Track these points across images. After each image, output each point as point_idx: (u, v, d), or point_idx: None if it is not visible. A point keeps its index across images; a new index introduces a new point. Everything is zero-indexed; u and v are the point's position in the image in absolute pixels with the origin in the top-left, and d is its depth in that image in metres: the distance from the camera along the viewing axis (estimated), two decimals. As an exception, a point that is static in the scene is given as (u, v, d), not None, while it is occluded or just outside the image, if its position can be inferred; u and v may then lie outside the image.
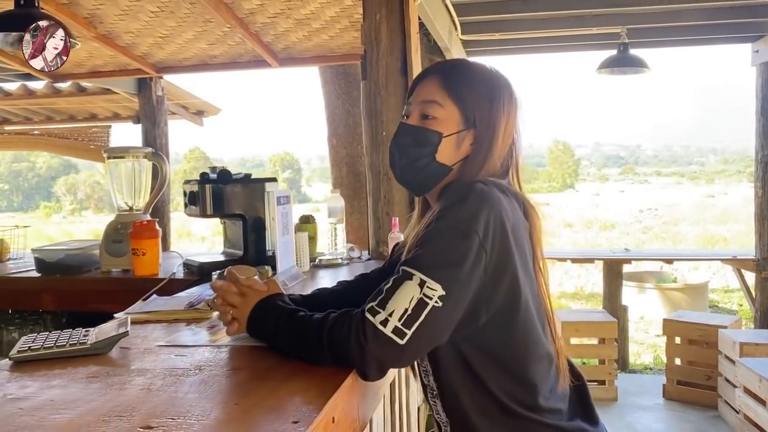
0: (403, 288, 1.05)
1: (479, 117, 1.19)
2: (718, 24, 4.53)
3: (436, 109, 1.19)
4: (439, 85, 1.20)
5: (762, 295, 4.87)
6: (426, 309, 1.03)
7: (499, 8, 4.05)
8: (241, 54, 3.80)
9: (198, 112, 6.29)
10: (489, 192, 1.10)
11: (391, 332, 1.03)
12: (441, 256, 1.05)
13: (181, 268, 2.40)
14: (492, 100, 1.20)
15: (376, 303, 1.06)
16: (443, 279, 1.04)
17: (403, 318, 1.03)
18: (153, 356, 1.28)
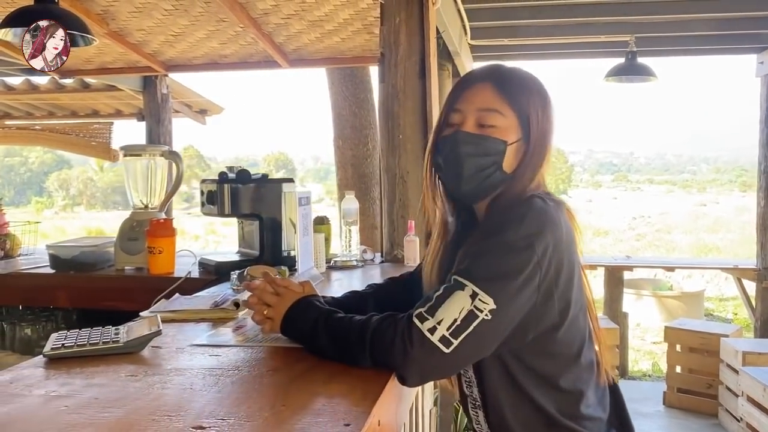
0: (454, 297, 1.05)
1: (534, 125, 1.18)
2: (725, 35, 4.56)
3: (496, 118, 1.17)
4: (494, 92, 1.18)
5: (762, 305, 4.90)
6: (475, 321, 1.03)
7: (509, 14, 4.06)
8: (251, 54, 3.80)
9: (201, 110, 6.28)
10: (548, 210, 1.10)
11: (438, 340, 1.03)
12: (496, 271, 1.05)
13: (196, 267, 2.39)
14: (544, 108, 1.20)
15: (425, 309, 1.06)
16: (496, 293, 1.03)
17: (452, 328, 1.03)
18: (187, 356, 1.28)
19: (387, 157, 2.48)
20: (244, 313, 1.62)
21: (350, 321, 1.15)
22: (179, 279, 2.23)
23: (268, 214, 2.32)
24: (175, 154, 2.47)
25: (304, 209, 2.06)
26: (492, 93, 1.18)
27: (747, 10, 4.16)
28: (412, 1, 2.45)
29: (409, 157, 2.45)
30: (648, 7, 4.06)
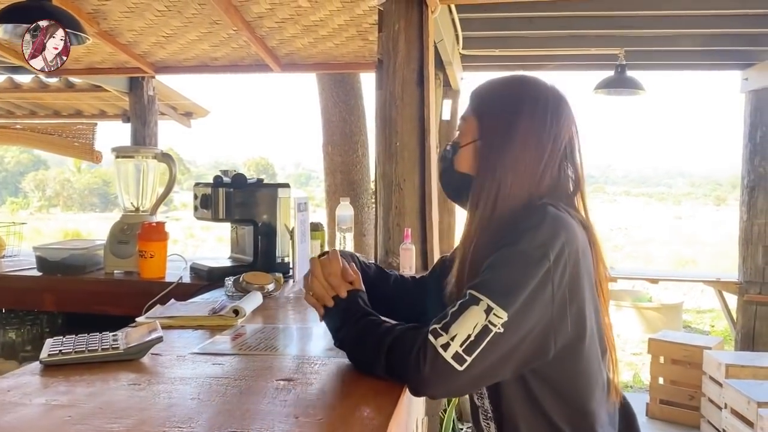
0: (468, 313, 1.02)
1: (488, 127, 1.19)
2: (711, 51, 4.63)
3: (462, 123, 1.25)
4: (469, 101, 1.26)
5: (744, 318, 4.96)
6: (488, 336, 1.00)
7: (501, 25, 4.08)
8: (243, 57, 3.76)
9: (186, 113, 6.22)
10: (563, 218, 1.08)
11: (450, 357, 1.00)
12: (509, 282, 1.03)
13: (188, 272, 2.35)
14: (511, 108, 1.18)
15: (439, 325, 1.03)
16: (510, 306, 1.00)
17: (465, 344, 1.00)
18: (189, 364, 1.24)
19: (383, 164, 2.47)
20: (242, 321, 1.60)
21: (379, 324, 1.14)
22: (171, 284, 2.19)
23: (263, 220, 2.29)
24: (168, 156, 2.43)
25: (302, 215, 2.03)
26: (468, 104, 1.27)
27: (732, 27, 4.22)
28: (411, 9, 2.44)
29: (406, 164, 2.44)
30: (638, 22, 4.10)
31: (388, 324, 1.13)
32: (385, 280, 1.45)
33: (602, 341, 1.13)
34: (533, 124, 1.16)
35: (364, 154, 4.84)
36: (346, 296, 1.21)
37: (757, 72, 4.85)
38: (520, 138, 1.15)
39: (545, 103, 1.18)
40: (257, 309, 1.74)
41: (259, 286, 1.89)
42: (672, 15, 4.02)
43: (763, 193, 4.95)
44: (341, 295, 1.21)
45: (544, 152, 1.15)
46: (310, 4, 3.02)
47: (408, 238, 2.33)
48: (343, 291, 1.21)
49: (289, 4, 3.03)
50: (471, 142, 1.21)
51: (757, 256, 4.95)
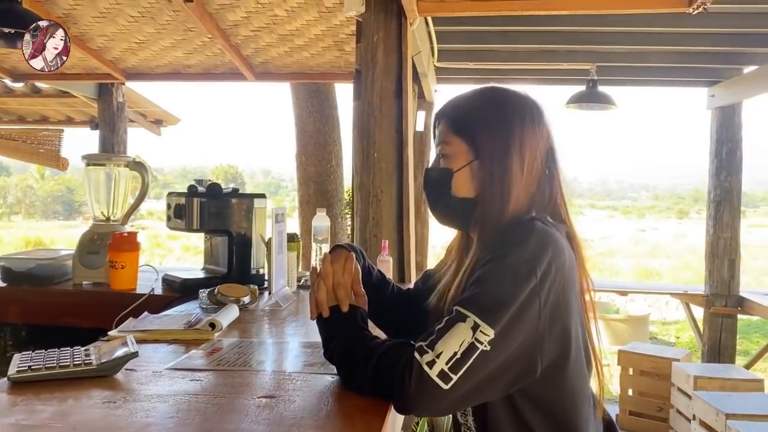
0: (454, 330, 0.99)
1: (484, 145, 1.15)
2: (680, 68, 4.73)
3: (446, 147, 1.19)
4: (446, 123, 1.20)
5: (710, 330, 5.05)
6: (475, 354, 0.97)
7: (477, 38, 4.11)
8: (216, 65, 3.73)
9: (156, 120, 6.13)
10: (551, 233, 1.07)
11: (436, 375, 0.97)
12: (496, 298, 1.00)
13: (159, 284, 2.29)
14: (495, 126, 1.16)
15: (426, 342, 1.00)
16: (496, 323, 0.98)
17: (451, 361, 0.97)
18: (166, 380, 1.20)
19: (361, 175, 2.45)
20: (219, 335, 1.56)
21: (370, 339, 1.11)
22: (142, 296, 2.13)
23: (238, 230, 2.25)
24: (140, 165, 2.37)
25: (279, 226, 2.00)
26: (444, 126, 1.21)
27: (699, 45, 4.32)
28: (390, 21, 2.44)
29: (384, 175, 2.43)
30: (609, 38, 4.17)
31: (378, 340, 1.10)
32: (386, 287, 1.43)
33: (588, 352, 1.12)
34: (525, 135, 1.15)
35: (338, 164, 4.82)
36: (346, 311, 1.17)
37: (722, 89, 4.97)
38: (517, 151, 1.14)
39: (531, 112, 1.17)
40: (233, 322, 1.70)
41: (234, 299, 1.85)
42: (642, 32, 4.10)
43: (728, 208, 5.05)
44: (343, 309, 1.17)
45: (535, 162, 1.15)
46: (287, 13, 3.01)
47: (385, 250, 2.31)
48: (345, 306, 1.17)
49: (266, 12, 3.01)
50: (466, 165, 1.17)
51: (723, 269, 5.05)
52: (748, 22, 3.84)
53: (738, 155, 5.05)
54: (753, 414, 3.42)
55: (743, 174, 5.11)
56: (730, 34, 4.11)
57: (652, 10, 2.62)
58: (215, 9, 2.96)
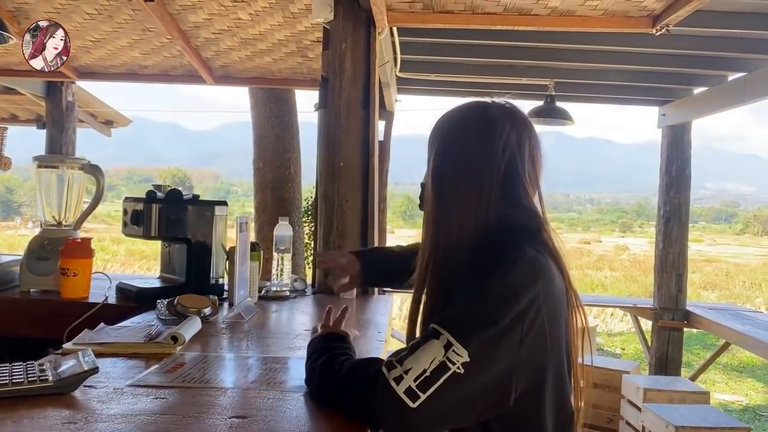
0: (427, 347, 0.96)
1: (438, 161, 1.15)
2: (634, 86, 4.85)
3: (427, 162, 1.20)
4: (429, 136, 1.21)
5: (658, 342, 5.17)
6: (446, 374, 0.93)
7: (439, 50, 4.12)
8: (174, 67, 3.63)
9: (107, 121, 5.96)
10: (542, 262, 1.03)
11: (402, 392, 0.93)
12: (476, 321, 0.96)
13: (113, 293, 2.20)
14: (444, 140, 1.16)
15: (396, 358, 0.97)
16: (472, 346, 0.94)
17: (419, 379, 0.93)
18: (128, 398, 1.13)
19: (326, 184, 2.41)
20: (181, 349, 1.49)
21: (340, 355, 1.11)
22: (95, 305, 2.04)
23: (198, 238, 2.18)
24: (96, 168, 2.27)
25: (243, 235, 1.94)
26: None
27: (651, 65, 4.44)
28: (359, 29, 2.41)
29: (349, 185, 2.39)
30: (568, 55, 4.25)
31: (350, 357, 1.09)
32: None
33: (568, 369, 1.10)
34: (479, 151, 1.10)
35: (296, 171, 4.76)
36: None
37: (673, 108, 5.13)
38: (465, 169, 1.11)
39: (503, 127, 1.11)
40: (194, 336, 1.63)
41: (196, 310, 1.78)
42: (599, 50, 4.19)
43: (677, 224, 5.20)
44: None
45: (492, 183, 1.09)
46: (251, 17, 2.95)
47: (349, 261, 2.27)
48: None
49: (229, 15, 2.95)
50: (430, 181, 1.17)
51: (671, 283, 5.19)
52: (700, 45, 3.97)
53: (687, 173, 5.21)
54: (701, 426, 3.51)
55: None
56: (682, 55, 4.24)
57: (618, 30, 2.67)
58: (176, 10, 2.88)
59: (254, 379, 1.33)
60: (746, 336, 4.31)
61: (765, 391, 7.42)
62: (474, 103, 1.20)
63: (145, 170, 64.68)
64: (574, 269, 20.97)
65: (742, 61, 4.24)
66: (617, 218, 56.77)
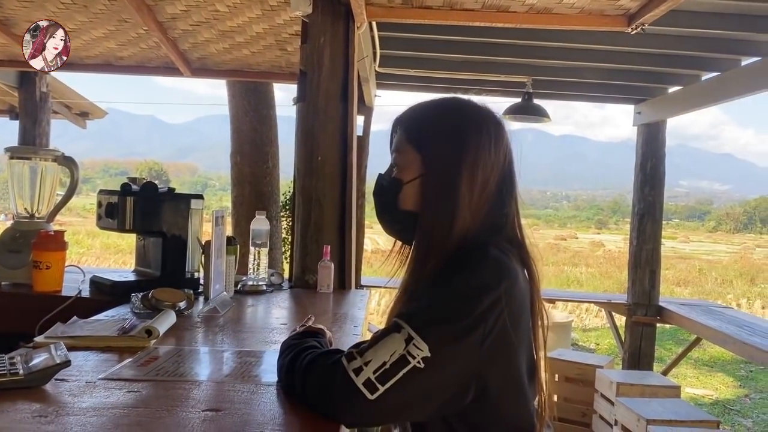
0: (387, 339, 0.96)
1: (434, 160, 1.11)
2: (610, 84, 4.90)
3: (399, 157, 1.15)
4: (402, 132, 1.16)
5: (631, 338, 5.24)
6: (405, 368, 0.93)
7: (418, 46, 4.13)
8: (151, 59, 3.59)
9: (82, 113, 5.87)
10: (506, 263, 1.03)
11: (361, 384, 0.94)
12: (437, 317, 0.97)
13: (87, 286, 2.17)
14: (453, 138, 1.11)
15: (356, 349, 0.98)
16: (432, 341, 0.94)
17: (379, 371, 0.94)
18: (101, 391, 1.13)
19: (303, 179, 2.40)
20: (155, 342, 1.48)
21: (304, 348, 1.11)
22: (68, 298, 2.01)
23: (173, 232, 2.16)
24: (70, 160, 2.24)
25: (219, 229, 1.93)
26: (401, 134, 1.17)
27: (627, 63, 4.49)
28: (338, 23, 2.40)
29: (327, 179, 2.39)
30: (546, 52, 4.28)
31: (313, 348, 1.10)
32: None
33: (532, 370, 1.09)
34: (481, 153, 1.10)
35: (274, 165, 4.73)
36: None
37: (648, 107, 5.19)
38: (468, 169, 1.09)
39: (488, 130, 1.12)
40: (168, 329, 1.62)
41: (171, 304, 1.77)
42: (576, 48, 4.22)
43: (651, 221, 5.27)
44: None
45: (488, 183, 1.11)
46: (229, 9, 2.93)
47: (327, 255, 2.28)
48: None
49: (206, 7, 2.92)
50: (416, 178, 1.12)
51: (644, 279, 5.26)
52: (675, 44, 4.02)
53: (661, 170, 5.28)
54: (672, 420, 3.57)
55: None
56: (657, 54, 4.29)
57: (593, 28, 2.70)
58: (153, 1, 2.85)
59: (228, 372, 1.33)
60: (716, 331, 4.39)
61: (735, 385, 7.57)
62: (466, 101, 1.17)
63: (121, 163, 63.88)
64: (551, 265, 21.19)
65: (715, 61, 4.31)
66: (593, 215, 57.37)
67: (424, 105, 1.18)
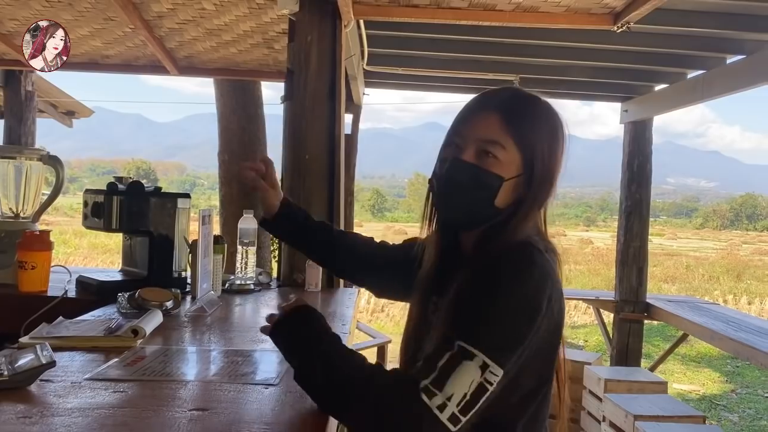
0: (462, 369, 0.94)
1: (538, 163, 1.09)
2: (597, 82, 4.93)
3: (498, 150, 1.08)
4: (500, 123, 1.08)
5: (619, 334, 5.28)
6: (484, 395, 0.94)
7: (406, 44, 4.13)
8: (137, 57, 3.57)
9: (68, 112, 5.83)
10: (549, 266, 1.04)
11: (447, 419, 0.92)
12: (508, 338, 0.97)
13: (73, 286, 2.16)
14: (552, 145, 1.11)
15: (430, 381, 0.93)
16: (506, 362, 0.95)
17: (462, 404, 0.93)
18: (86, 392, 1.12)
19: (291, 178, 2.40)
20: (142, 342, 1.48)
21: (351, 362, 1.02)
22: (54, 299, 2.00)
23: (160, 231, 2.15)
24: (55, 159, 2.22)
25: (206, 228, 1.92)
26: (497, 124, 1.08)
27: (614, 61, 4.52)
28: (324, 22, 2.40)
29: (315, 178, 2.39)
30: (532, 50, 4.29)
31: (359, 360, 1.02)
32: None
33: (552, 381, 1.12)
34: (563, 162, 1.13)
35: (263, 164, 4.72)
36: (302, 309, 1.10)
37: (635, 105, 5.22)
38: (556, 177, 1.12)
39: (565, 136, 1.14)
40: (155, 329, 1.62)
41: (157, 303, 1.76)
42: (563, 46, 4.24)
43: (638, 218, 5.31)
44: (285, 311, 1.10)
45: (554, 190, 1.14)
46: (215, 7, 2.92)
47: (315, 255, 2.27)
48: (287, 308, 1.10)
49: (193, 5, 2.91)
50: (514, 177, 1.09)
51: (632, 276, 5.30)
52: (660, 42, 4.05)
53: (648, 168, 5.32)
54: (659, 415, 3.60)
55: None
56: (643, 52, 4.32)
57: (579, 26, 2.71)
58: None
59: (215, 371, 1.32)
60: (703, 327, 4.43)
61: (721, 380, 7.64)
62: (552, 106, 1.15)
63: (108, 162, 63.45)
64: (540, 263, 21.25)
65: (701, 59, 4.34)
66: (582, 212, 57.60)
67: (524, 98, 1.14)
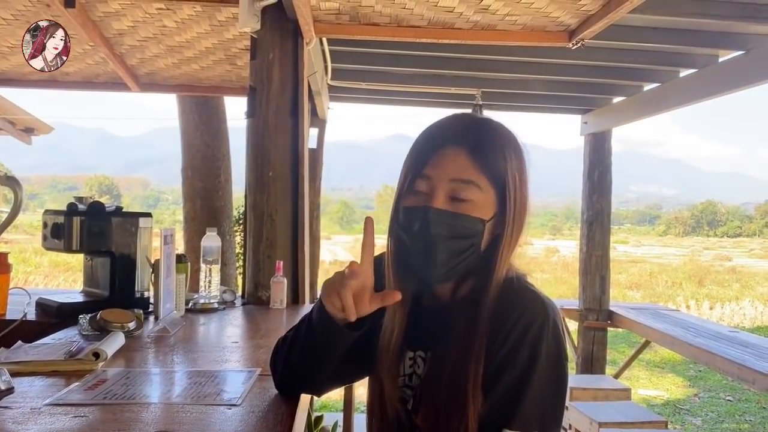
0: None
1: (512, 191, 1.02)
2: (557, 95, 5.04)
3: (471, 191, 0.99)
4: (470, 159, 0.99)
5: (584, 342, 5.36)
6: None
7: (369, 60, 4.17)
8: (98, 74, 3.54)
9: (27, 129, 5.72)
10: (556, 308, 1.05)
11: None
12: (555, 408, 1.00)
13: (32, 309, 2.12)
14: (520, 167, 1.04)
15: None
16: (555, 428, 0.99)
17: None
18: (46, 418, 1.11)
19: (255, 194, 2.40)
20: (103, 365, 1.46)
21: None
22: (13, 322, 1.97)
23: (121, 251, 2.14)
24: (13, 180, 2.18)
25: (168, 248, 1.91)
26: (467, 161, 0.99)
27: (572, 75, 4.63)
28: (286, 39, 2.42)
29: (279, 195, 2.39)
30: (493, 65, 4.37)
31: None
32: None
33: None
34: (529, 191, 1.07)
35: (227, 180, 4.70)
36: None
37: (594, 117, 5.35)
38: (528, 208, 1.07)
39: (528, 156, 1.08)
40: (117, 351, 1.60)
41: (119, 325, 1.75)
42: (523, 61, 4.33)
43: (599, 228, 5.42)
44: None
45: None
46: (177, 24, 2.91)
47: (280, 271, 2.28)
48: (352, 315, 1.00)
49: (154, 23, 2.90)
50: (494, 214, 1.03)
51: (595, 285, 5.40)
52: (617, 57, 4.17)
53: (608, 179, 5.44)
54: (623, 422, 3.67)
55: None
56: (600, 67, 4.43)
57: (536, 44, 2.78)
58: (99, 17, 2.81)
59: (179, 393, 1.32)
60: (664, 334, 4.53)
61: (685, 385, 7.80)
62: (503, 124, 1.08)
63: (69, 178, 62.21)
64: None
65: (656, 73, 4.47)
66: (547, 221, 58.30)
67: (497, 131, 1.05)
